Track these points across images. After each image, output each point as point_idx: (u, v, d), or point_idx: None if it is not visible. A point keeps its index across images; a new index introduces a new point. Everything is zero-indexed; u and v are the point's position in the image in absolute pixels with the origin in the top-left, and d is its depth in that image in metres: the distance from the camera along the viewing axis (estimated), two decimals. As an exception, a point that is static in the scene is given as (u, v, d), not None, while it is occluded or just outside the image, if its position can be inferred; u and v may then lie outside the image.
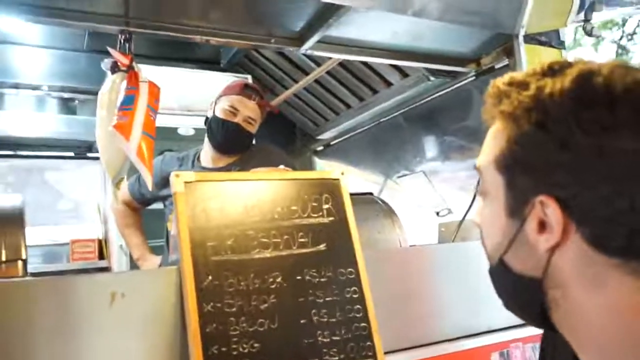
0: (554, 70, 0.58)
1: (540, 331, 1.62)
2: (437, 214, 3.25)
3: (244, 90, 1.92)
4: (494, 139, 0.63)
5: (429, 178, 3.25)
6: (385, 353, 1.30)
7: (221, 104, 1.92)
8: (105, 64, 1.66)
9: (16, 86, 3.45)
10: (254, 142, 3.15)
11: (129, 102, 1.51)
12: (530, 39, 1.91)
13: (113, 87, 1.61)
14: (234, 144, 1.95)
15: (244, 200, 1.31)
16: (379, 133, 3.45)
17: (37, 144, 3.62)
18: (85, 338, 1.07)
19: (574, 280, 0.57)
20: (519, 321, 1.65)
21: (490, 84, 0.64)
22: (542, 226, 0.57)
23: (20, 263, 1.15)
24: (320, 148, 4.03)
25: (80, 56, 3.51)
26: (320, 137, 3.88)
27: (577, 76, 0.56)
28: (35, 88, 3.49)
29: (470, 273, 1.62)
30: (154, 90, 1.61)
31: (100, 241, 3.24)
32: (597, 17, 1.78)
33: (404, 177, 3.43)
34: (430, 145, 3.21)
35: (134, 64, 1.64)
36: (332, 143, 3.91)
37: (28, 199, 3.58)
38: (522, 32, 1.90)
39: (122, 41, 1.65)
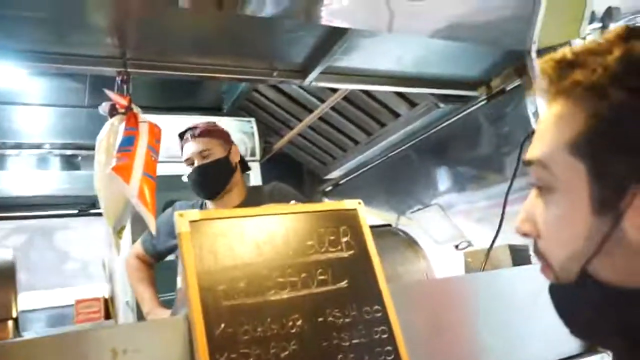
0: (636, 32, 0.48)
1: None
2: (457, 247, 3.12)
3: (182, 139, 1.94)
4: (560, 121, 0.51)
5: (444, 211, 3.13)
6: (423, 399, 1.16)
7: (184, 164, 1.95)
8: (103, 107, 1.59)
9: (18, 146, 3.42)
10: (260, 183, 3.06)
11: (128, 143, 1.43)
12: (543, 54, 1.83)
13: (111, 129, 1.54)
14: (212, 182, 1.91)
15: (254, 238, 1.20)
16: (389, 168, 3.36)
17: (41, 204, 3.57)
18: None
19: None
20: (565, 354, 1.50)
21: (545, 59, 0.53)
22: None
23: (10, 323, 1.03)
24: (329, 188, 3.94)
25: (81, 112, 3.49)
26: (328, 176, 3.80)
27: None
28: (37, 147, 3.46)
29: (504, 303, 1.48)
30: (155, 131, 1.54)
31: (106, 300, 3.11)
32: (615, 26, 1.71)
33: (417, 211, 3.31)
34: (443, 177, 3.11)
35: (132, 105, 1.58)
36: (340, 182, 3.82)
37: (33, 261, 3.52)
38: (534, 47, 1.82)
39: (119, 83, 1.59)
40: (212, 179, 1.90)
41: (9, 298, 1.06)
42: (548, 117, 0.53)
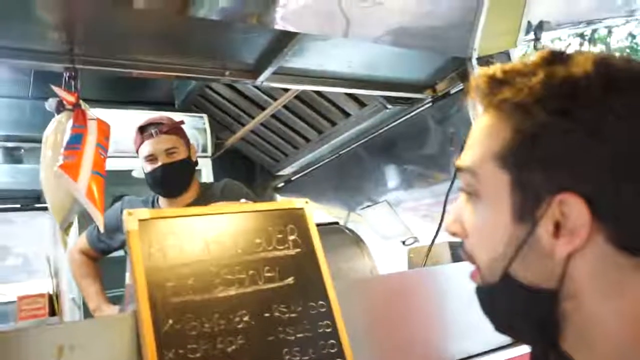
0: (560, 57, 0.53)
1: (522, 351, 1.58)
2: (404, 243, 3.22)
3: (143, 134, 1.84)
4: (489, 133, 0.55)
5: (393, 207, 3.23)
6: (364, 389, 1.22)
7: (141, 159, 1.87)
8: (50, 103, 1.57)
9: (-42, 137, 3.27)
10: (212, 179, 3.06)
11: (76, 141, 1.42)
12: (483, 61, 1.94)
13: (59, 127, 1.52)
14: (176, 182, 1.89)
15: (203, 236, 1.23)
16: (340, 165, 3.43)
17: (-19, 197, 3.43)
18: (30, 401, 0.94)
19: (591, 288, 0.51)
20: (497, 344, 1.60)
21: (479, 74, 0.57)
22: (558, 229, 0.51)
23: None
24: (281, 184, 3.98)
25: (25, 103, 3.38)
26: (280, 173, 3.84)
27: (598, 61, 0.51)
28: (-21, 138, 3.32)
29: (444, 298, 1.57)
30: (104, 128, 1.53)
31: (50, 296, 3.03)
32: (547, 36, 1.83)
33: (367, 208, 3.40)
34: (392, 175, 3.21)
35: (80, 102, 1.56)
36: (292, 178, 3.87)
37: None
38: (474, 55, 1.92)
39: (67, 79, 1.56)
40: (177, 179, 1.87)
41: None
42: (479, 128, 0.58)
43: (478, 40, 1.89)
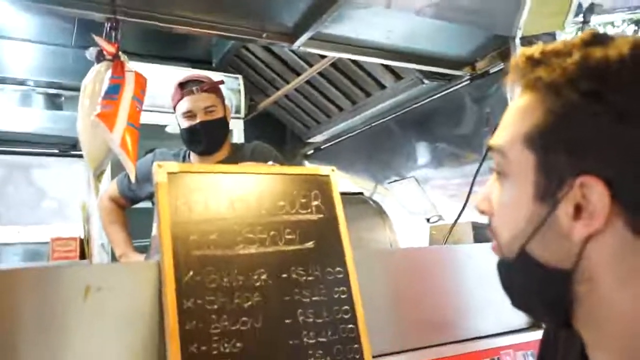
0: (599, 39, 0.53)
1: (534, 337, 1.58)
2: (428, 220, 3.21)
3: (183, 90, 1.85)
4: (523, 113, 0.56)
5: (420, 184, 3.21)
6: (373, 357, 1.25)
7: (178, 115, 1.89)
8: (90, 52, 1.60)
9: (2, 81, 3.37)
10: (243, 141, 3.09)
11: (113, 92, 1.45)
12: (526, 41, 1.88)
13: (97, 76, 1.55)
14: (211, 140, 1.91)
15: (229, 194, 1.26)
16: (371, 137, 3.41)
17: (21, 140, 3.54)
18: (56, 334, 1.00)
19: (607, 272, 0.51)
20: (508, 327, 1.61)
21: (519, 54, 0.58)
22: (578, 211, 0.51)
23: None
24: (311, 151, 3.99)
25: (68, 52, 3.45)
26: (310, 140, 3.84)
27: (637, 44, 0.50)
28: (21, 83, 3.41)
29: (461, 277, 1.58)
30: (141, 81, 1.56)
31: (81, 240, 3.15)
32: (596, 20, 1.76)
33: (394, 182, 3.39)
34: (422, 151, 3.18)
35: (120, 53, 1.59)
36: (322, 147, 3.87)
37: (11, 196, 3.53)
38: (519, 34, 1.87)
39: (108, 29, 1.59)
40: (213, 137, 1.90)
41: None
42: (513, 108, 0.58)
43: (524, 19, 1.83)
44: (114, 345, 1.06)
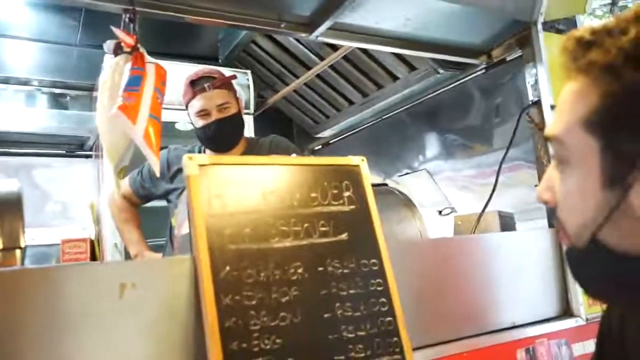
0: None
1: (567, 325, 1.55)
2: (440, 212, 3.18)
3: (194, 88, 1.81)
4: (578, 98, 0.54)
5: (432, 176, 3.19)
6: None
7: (192, 114, 1.85)
8: (108, 45, 1.56)
9: (5, 81, 3.32)
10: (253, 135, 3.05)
11: (135, 83, 1.41)
12: (548, 26, 1.84)
13: (117, 68, 1.51)
14: (228, 137, 1.88)
15: (261, 186, 1.22)
16: (381, 131, 3.38)
17: (27, 141, 3.50)
18: (92, 333, 0.97)
19: None
20: (541, 316, 1.58)
21: (567, 37, 0.55)
22: None
23: (18, 252, 1.05)
24: (319, 147, 3.95)
25: (72, 50, 3.40)
26: (318, 135, 3.80)
27: None
28: (25, 83, 3.37)
29: (493, 266, 1.55)
30: (161, 72, 1.52)
31: (92, 241, 3.11)
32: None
33: (405, 175, 3.36)
34: (432, 143, 3.15)
35: (138, 45, 1.55)
36: (330, 142, 3.83)
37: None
38: (540, 19, 1.83)
39: (126, 21, 1.55)
40: (229, 134, 1.86)
41: (17, 228, 1.07)
42: (566, 94, 0.56)
43: (545, 2, 1.79)
44: (151, 342, 1.02)
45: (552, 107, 1.80)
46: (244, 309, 1.07)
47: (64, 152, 3.62)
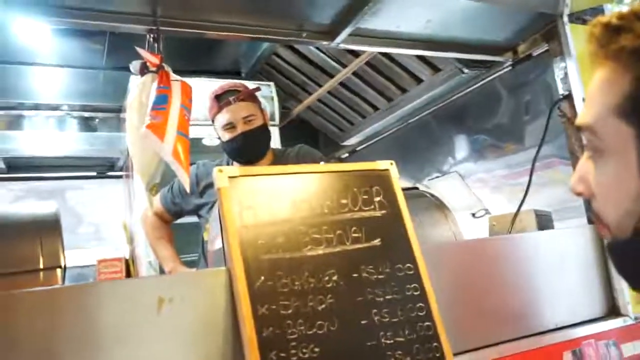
0: None
1: (614, 325, 1.50)
2: (474, 215, 3.12)
3: (220, 102, 1.82)
4: (608, 85, 0.52)
5: (463, 179, 3.13)
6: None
7: (218, 127, 1.86)
8: (134, 65, 1.59)
9: (36, 107, 3.42)
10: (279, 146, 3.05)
11: (162, 102, 1.43)
12: (575, 18, 1.80)
13: (143, 88, 1.53)
14: (255, 149, 1.89)
15: (291, 195, 1.22)
16: (407, 135, 3.35)
17: (58, 165, 3.59)
18: (132, 348, 0.97)
19: None
20: (586, 317, 1.52)
21: (594, 23, 0.53)
22: None
23: (59, 271, 1.06)
24: (346, 155, 3.94)
25: (99, 73, 3.49)
26: (345, 143, 3.79)
27: None
28: (55, 108, 3.46)
29: (532, 266, 1.51)
30: (187, 89, 1.54)
31: (127, 260, 3.16)
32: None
33: (435, 179, 3.31)
34: (461, 145, 3.10)
35: (163, 64, 1.57)
36: (357, 149, 3.81)
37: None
38: (566, 11, 1.79)
39: (150, 41, 1.58)
40: (256, 146, 1.87)
41: (57, 248, 1.09)
42: (595, 82, 0.54)
43: (571, -6, 1.76)
44: (190, 354, 1.02)
45: (584, 99, 1.75)
46: (280, 319, 1.07)
47: (95, 173, 3.69)
